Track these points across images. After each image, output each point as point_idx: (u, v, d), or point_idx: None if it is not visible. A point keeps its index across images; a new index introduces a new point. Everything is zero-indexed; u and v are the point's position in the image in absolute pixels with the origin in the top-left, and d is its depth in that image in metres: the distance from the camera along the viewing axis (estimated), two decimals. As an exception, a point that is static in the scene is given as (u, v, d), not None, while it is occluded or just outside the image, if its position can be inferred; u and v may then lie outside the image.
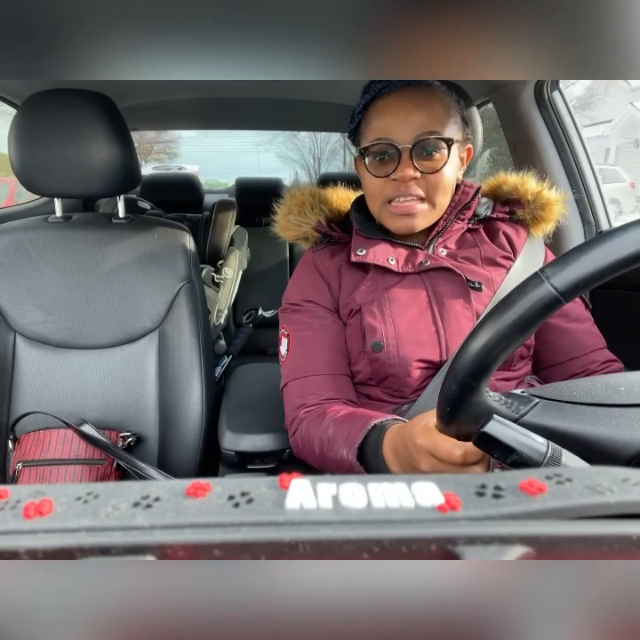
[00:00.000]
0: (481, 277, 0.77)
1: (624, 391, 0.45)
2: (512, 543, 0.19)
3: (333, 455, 0.66)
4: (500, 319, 0.39)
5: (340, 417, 0.69)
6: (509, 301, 0.39)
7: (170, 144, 10.83)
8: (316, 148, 10.59)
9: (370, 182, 0.76)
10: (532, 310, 0.38)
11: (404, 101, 0.72)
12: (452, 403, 0.43)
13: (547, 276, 0.37)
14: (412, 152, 0.70)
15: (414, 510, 0.20)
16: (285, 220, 0.85)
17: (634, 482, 0.21)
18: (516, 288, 0.39)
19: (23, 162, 0.95)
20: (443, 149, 0.71)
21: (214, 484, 0.21)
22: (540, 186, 0.83)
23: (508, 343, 0.39)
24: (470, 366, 0.40)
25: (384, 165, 0.73)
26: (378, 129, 0.73)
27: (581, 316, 0.81)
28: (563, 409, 0.45)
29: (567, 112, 1.27)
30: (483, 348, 0.39)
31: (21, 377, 1.01)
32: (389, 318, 0.75)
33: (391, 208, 0.75)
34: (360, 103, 0.77)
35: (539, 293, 0.37)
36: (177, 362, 1.02)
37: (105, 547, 0.18)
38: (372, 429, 0.62)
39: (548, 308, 0.38)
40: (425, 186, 0.73)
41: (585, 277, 0.37)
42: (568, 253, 0.38)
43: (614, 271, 0.36)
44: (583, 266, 0.37)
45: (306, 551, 0.18)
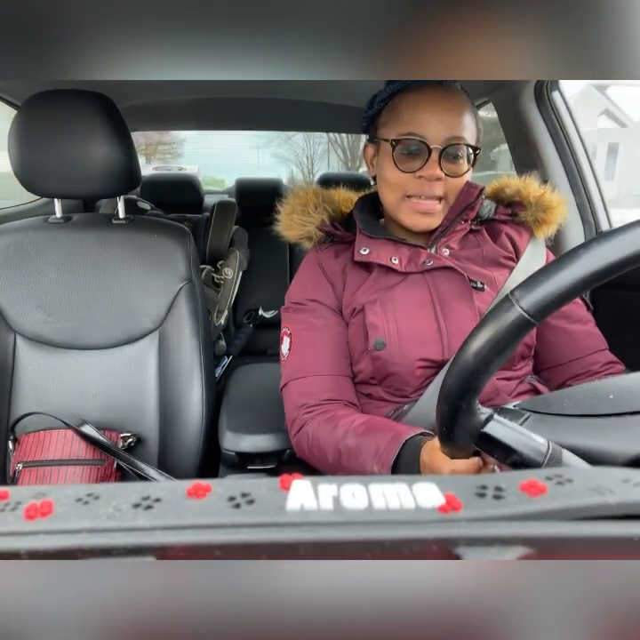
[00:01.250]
0: (483, 277, 0.77)
1: (613, 399, 0.45)
2: (513, 544, 0.19)
3: (358, 468, 0.66)
4: (478, 342, 0.39)
5: (358, 427, 0.69)
6: (484, 325, 0.39)
7: (173, 145, 11.08)
8: (309, 149, 11.37)
9: (392, 174, 0.75)
10: (505, 333, 0.38)
11: (438, 100, 0.73)
12: (445, 423, 0.44)
13: (516, 299, 0.38)
14: (441, 153, 0.72)
15: (415, 511, 0.20)
16: (289, 220, 0.85)
17: (634, 482, 0.21)
18: (490, 312, 0.40)
19: (23, 162, 0.95)
20: (468, 156, 0.74)
21: (215, 484, 0.21)
22: (543, 188, 0.83)
23: (488, 365, 0.40)
24: (457, 388, 0.41)
25: (410, 160, 0.73)
26: (409, 122, 0.73)
27: (582, 317, 0.81)
28: (553, 422, 0.46)
29: (567, 112, 1.27)
30: (465, 371, 0.40)
31: (22, 377, 1.01)
32: (392, 317, 0.75)
33: (411, 203, 0.75)
34: (385, 91, 0.77)
35: (510, 317, 0.38)
36: (177, 362, 1.01)
37: (106, 548, 0.18)
38: (404, 444, 0.62)
39: (520, 331, 0.38)
40: (445, 188, 0.74)
41: (553, 298, 0.37)
42: (535, 274, 0.39)
43: (582, 289, 0.37)
44: (550, 286, 0.37)
45: (307, 552, 0.18)
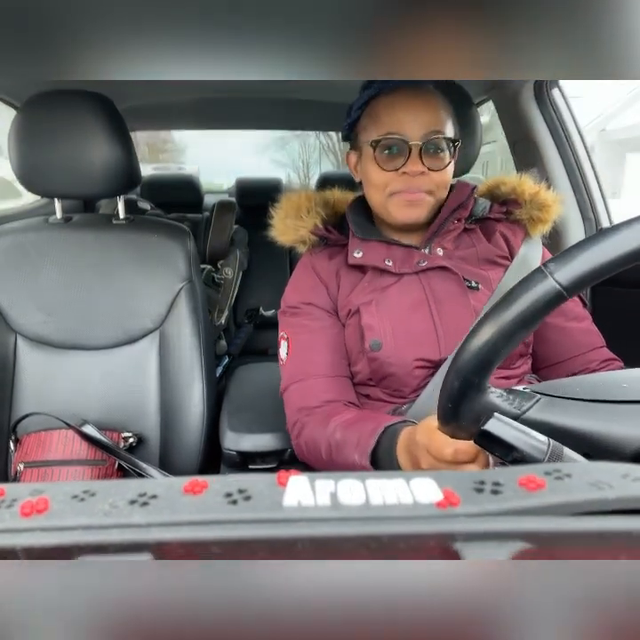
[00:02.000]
0: (478, 277, 0.77)
1: (627, 387, 0.45)
2: (511, 539, 0.19)
3: (343, 460, 0.66)
4: (503, 315, 0.38)
5: (346, 421, 0.69)
6: (512, 296, 0.38)
7: (174, 153, 11.49)
8: (304, 154, 11.98)
9: (376, 175, 0.76)
10: (536, 305, 0.37)
11: (412, 100, 0.74)
12: (453, 399, 0.43)
13: (550, 270, 0.37)
14: (421, 149, 0.72)
15: (413, 507, 0.19)
16: (283, 225, 0.85)
17: (633, 477, 0.21)
18: (519, 283, 0.39)
19: (23, 163, 0.95)
20: (448, 149, 0.74)
21: (212, 481, 0.21)
22: (538, 186, 0.83)
23: (510, 339, 0.39)
24: (473, 363, 0.40)
25: (392, 159, 0.74)
26: (387, 123, 0.74)
27: (580, 314, 0.81)
28: (565, 405, 0.45)
29: (567, 109, 1.27)
30: (485, 345, 0.39)
31: (22, 378, 1.01)
32: (387, 317, 0.75)
33: (398, 197, 0.75)
34: (361, 98, 0.78)
35: (542, 288, 0.37)
36: (178, 362, 1.01)
37: (102, 544, 0.18)
38: (383, 433, 0.62)
39: (552, 304, 0.37)
40: (430, 182, 0.74)
41: (589, 272, 0.36)
42: (571, 248, 0.38)
43: (618, 266, 0.36)
44: (587, 260, 0.36)
45: (304, 548, 0.18)
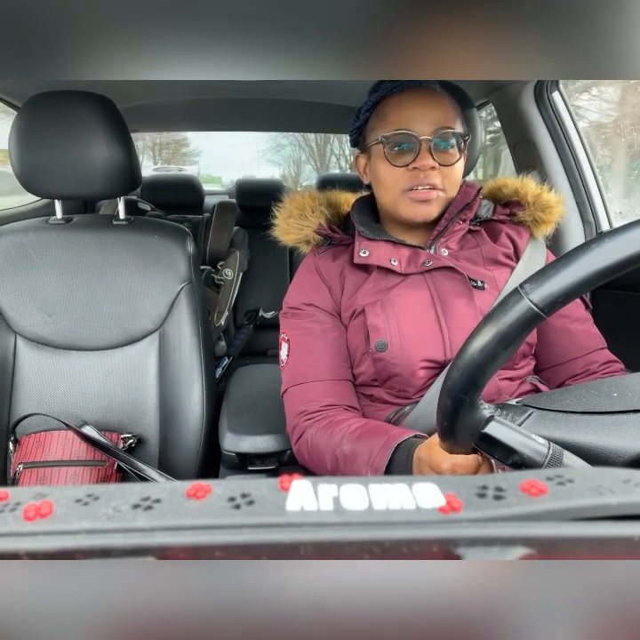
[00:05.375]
0: (483, 277, 0.77)
1: (616, 397, 0.45)
2: (513, 544, 0.19)
3: (352, 474, 0.66)
4: (485, 336, 0.39)
5: (353, 432, 0.69)
6: (492, 318, 0.39)
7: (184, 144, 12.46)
8: (295, 155, 13.09)
9: (386, 172, 0.76)
10: (514, 326, 0.38)
11: (420, 98, 0.74)
12: (448, 417, 0.44)
13: (526, 291, 0.38)
14: (431, 144, 0.72)
15: (415, 512, 0.20)
16: (286, 224, 0.85)
17: (635, 483, 0.21)
18: (498, 304, 0.40)
19: (24, 164, 0.95)
20: (458, 145, 0.75)
21: (215, 485, 0.21)
22: (540, 188, 0.83)
23: (494, 359, 0.39)
24: (462, 382, 0.41)
25: (402, 156, 0.74)
26: (396, 121, 0.74)
27: (581, 316, 0.81)
28: (556, 418, 0.45)
29: (567, 112, 1.27)
30: (471, 365, 0.40)
31: (22, 378, 1.01)
32: (393, 318, 0.75)
33: (410, 194, 0.75)
34: (369, 101, 0.79)
35: (519, 309, 0.38)
36: (177, 363, 1.01)
37: (105, 549, 0.18)
38: (396, 449, 0.63)
39: (529, 324, 0.38)
40: (440, 178, 0.75)
41: (563, 292, 0.37)
42: (546, 267, 0.38)
43: (591, 284, 0.36)
44: (561, 280, 0.37)
45: (307, 553, 0.18)
